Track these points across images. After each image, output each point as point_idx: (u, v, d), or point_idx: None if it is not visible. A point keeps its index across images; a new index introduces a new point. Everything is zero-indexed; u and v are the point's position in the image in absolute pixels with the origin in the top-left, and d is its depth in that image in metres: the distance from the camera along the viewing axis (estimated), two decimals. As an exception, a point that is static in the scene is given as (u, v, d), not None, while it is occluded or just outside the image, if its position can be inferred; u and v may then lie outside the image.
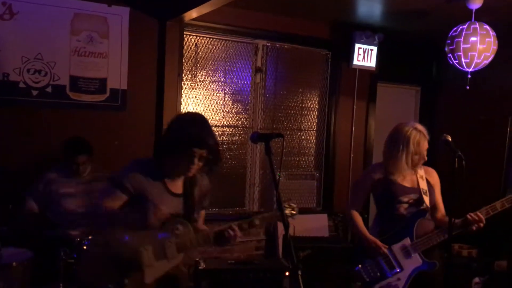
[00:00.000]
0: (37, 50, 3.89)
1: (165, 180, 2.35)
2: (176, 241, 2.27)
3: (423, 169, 2.96)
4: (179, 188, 2.39)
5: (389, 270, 2.79)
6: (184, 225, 2.30)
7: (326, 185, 5.28)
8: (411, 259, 2.79)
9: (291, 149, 5.16)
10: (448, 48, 3.94)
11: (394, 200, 2.85)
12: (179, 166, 2.30)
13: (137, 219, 2.28)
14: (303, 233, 4.57)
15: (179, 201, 2.36)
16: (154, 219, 2.26)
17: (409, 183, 2.87)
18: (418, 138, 2.81)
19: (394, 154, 2.84)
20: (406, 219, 2.82)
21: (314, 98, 5.28)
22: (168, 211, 2.29)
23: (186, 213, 2.35)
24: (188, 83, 4.57)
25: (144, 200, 2.27)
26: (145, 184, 2.29)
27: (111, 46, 4.16)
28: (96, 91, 4.14)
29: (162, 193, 2.32)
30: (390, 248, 2.81)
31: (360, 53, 5.13)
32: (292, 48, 5.05)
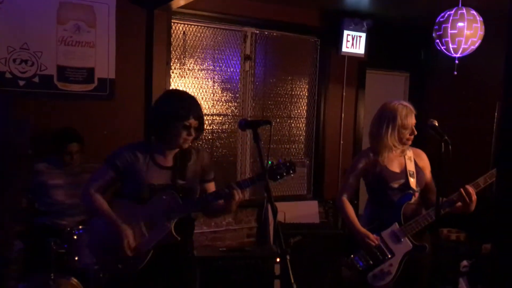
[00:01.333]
0: (23, 40, 3.84)
1: (154, 155, 2.48)
2: (164, 211, 2.39)
3: (412, 150, 2.96)
4: (169, 162, 2.50)
5: (381, 257, 2.81)
6: (171, 194, 2.41)
7: (316, 172, 5.31)
8: (401, 243, 2.81)
9: (281, 137, 5.18)
10: (436, 34, 3.95)
11: (385, 187, 2.86)
12: (176, 138, 2.41)
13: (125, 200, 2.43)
14: (294, 220, 4.60)
15: (168, 173, 2.46)
16: (142, 191, 2.40)
17: (397, 168, 2.88)
18: (405, 111, 2.82)
19: (381, 131, 2.83)
20: (394, 204, 2.83)
21: (304, 85, 5.29)
22: (155, 182, 2.41)
23: (174, 184, 2.44)
24: (176, 72, 4.55)
25: (132, 174, 2.42)
26: (133, 160, 2.44)
27: (98, 35, 4.12)
28: (84, 81, 4.10)
29: (149, 166, 2.44)
30: (380, 234, 2.83)
31: (349, 40, 5.13)
32: (281, 36, 5.04)
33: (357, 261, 2.83)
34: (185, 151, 2.52)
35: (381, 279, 2.78)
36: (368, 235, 2.80)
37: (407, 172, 2.86)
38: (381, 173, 2.85)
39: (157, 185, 2.43)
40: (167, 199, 2.40)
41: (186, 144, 2.45)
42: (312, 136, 5.32)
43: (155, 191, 2.42)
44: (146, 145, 2.53)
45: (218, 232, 4.75)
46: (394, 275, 2.79)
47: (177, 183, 2.45)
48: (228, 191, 2.38)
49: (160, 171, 2.46)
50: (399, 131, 2.82)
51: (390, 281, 2.79)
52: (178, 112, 2.38)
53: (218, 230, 4.74)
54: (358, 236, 2.84)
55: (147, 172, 2.43)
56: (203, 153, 2.62)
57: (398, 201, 2.83)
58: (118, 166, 2.44)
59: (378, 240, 2.81)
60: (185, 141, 2.43)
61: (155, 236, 2.40)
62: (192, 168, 2.52)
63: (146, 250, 2.39)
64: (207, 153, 2.68)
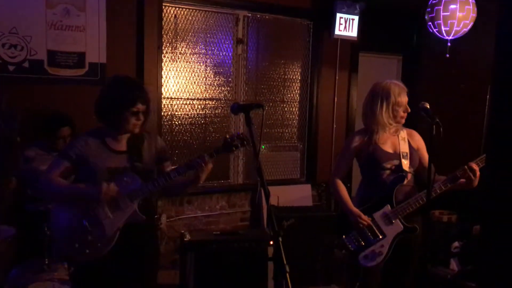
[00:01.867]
0: (12, 24, 3.79)
1: (106, 140, 2.52)
2: (126, 192, 2.45)
3: (406, 131, 2.98)
4: (123, 146, 2.56)
5: (372, 238, 2.84)
6: (130, 176, 2.47)
7: (309, 156, 5.32)
8: (392, 225, 2.83)
9: (274, 121, 5.17)
10: (428, 16, 3.95)
11: (377, 167, 2.87)
12: (125, 124, 2.47)
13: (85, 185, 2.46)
14: (287, 204, 4.62)
15: (123, 157, 2.52)
16: (99, 176, 2.43)
17: (391, 148, 2.89)
18: (397, 89, 2.84)
19: (374, 109, 2.85)
20: (386, 186, 2.85)
21: (297, 69, 5.27)
22: (110, 166, 2.47)
23: (132, 167, 2.50)
24: (168, 56, 4.52)
25: (86, 161, 2.46)
26: (87, 148, 2.48)
27: (88, 19, 4.07)
28: (74, 66, 4.07)
29: (103, 152, 2.49)
30: (372, 216, 2.86)
31: (341, 22, 5.10)
32: (273, 19, 5.00)
33: (349, 242, 2.86)
34: (137, 135, 2.57)
35: (372, 259, 2.82)
36: (360, 215, 2.84)
37: (401, 154, 2.87)
38: (374, 153, 2.87)
39: (115, 168, 2.47)
40: (128, 180, 2.46)
41: (136, 129, 2.51)
42: (305, 120, 5.32)
43: (113, 174, 2.46)
44: (97, 131, 2.56)
45: (212, 216, 4.77)
46: (385, 256, 2.82)
47: (135, 166, 2.51)
48: (190, 165, 2.48)
49: (115, 156, 2.51)
50: (393, 109, 2.84)
51: (381, 262, 2.83)
52: (124, 99, 2.44)
53: (211, 214, 4.76)
54: (350, 216, 2.87)
55: (101, 157, 2.48)
56: (155, 136, 2.71)
57: (391, 183, 2.84)
58: (71, 156, 2.47)
59: (369, 220, 2.84)
60: (134, 126, 2.49)
61: (120, 217, 2.46)
62: (147, 151, 2.59)
63: (113, 231, 2.44)
64: (158, 135, 2.75)
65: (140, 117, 2.48)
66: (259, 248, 3.69)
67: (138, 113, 2.46)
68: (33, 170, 3.52)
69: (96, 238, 2.43)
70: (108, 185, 2.39)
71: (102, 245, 2.44)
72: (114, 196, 2.42)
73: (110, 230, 2.44)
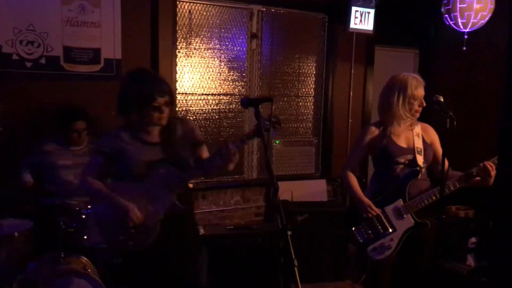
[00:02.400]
0: (29, 21, 3.84)
1: (139, 134, 2.54)
2: (164, 183, 2.47)
3: (420, 126, 2.95)
4: (155, 138, 2.55)
5: (382, 231, 2.83)
6: (166, 167, 2.48)
7: (324, 150, 5.30)
8: (403, 220, 2.81)
9: (288, 116, 5.16)
10: (444, 8, 3.89)
11: (390, 161, 2.85)
12: (149, 119, 2.47)
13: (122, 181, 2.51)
14: (301, 199, 4.61)
15: (157, 149, 2.52)
16: (136, 169, 2.46)
17: (405, 143, 2.87)
18: (415, 82, 2.82)
19: (391, 101, 2.82)
20: (399, 180, 2.83)
21: (311, 63, 5.24)
22: (148, 159, 2.48)
23: (167, 158, 2.51)
24: (182, 51, 4.53)
25: (122, 155, 2.49)
26: (120, 142, 2.51)
27: (103, 15, 4.10)
28: (90, 62, 4.11)
29: (137, 145, 2.51)
30: (383, 209, 2.84)
31: (357, 16, 5.05)
32: (288, 13, 4.97)
33: (358, 234, 2.86)
34: (169, 124, 2.56)
35: (380, 253, 2.81)
36: (370, 205, 2.83)
37: (415, 149, 2.84)
38: (387, 147, 2.84)
39: (150, 161, 2.48)
40: (165, 173, 2.47)
41: (162, 121, 2.51)
42: (320, 114, 5.29)
43: (150, 167, 2.47)
44: (128, 125, 2.57)
45: (226, 211, 4.78)
46: (393, 250, 2.81)
47: (170, 156, 2.51)
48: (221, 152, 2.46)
49: (150, 148, 2.52)
50: (409, 102, 2.81)
51: (389, 255, 2.81)
52: (143, 96, 2.42)
53: (226, 209, 4.77)
54: (360, 205, 2.86)
55: (136, 151, 2.49)
56: (186, 120, 2.73)
57: (404, 177, 2.82)
58: (105, 152, 2.51)
59: (379, 211, 2.82)
60: (159, 119, 2.49)
61: (160, 209, 2.48)
62: (181, 138, 2.59)
63: (154, 223, 2.47)
64: (189, 120, 2.74)
65: (163, 110, 2.47)
66: (272, 243, 3.70)
67: (159, 107, 2.45)
68: (50, 164, 3.59)
69: (139, 230, 2.47)
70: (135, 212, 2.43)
71: (145, 237, 2.48)
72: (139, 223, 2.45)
73: (151, 222, 2.47)
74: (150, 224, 2.48)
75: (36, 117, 3.89)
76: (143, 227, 2.48)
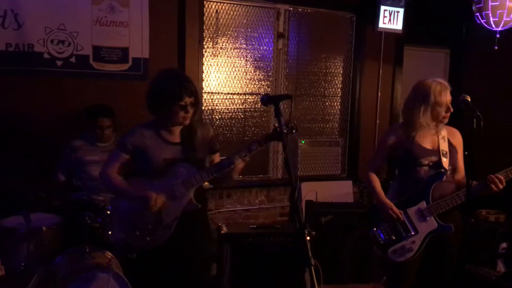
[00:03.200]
0: (60, 21, 3.94)
1: (161, 132, 2.62)
2: (182, 181, 2.54)
3: (446, 129, 2.89)
4: (176, 138, 2.64)
5: (404, 233, 2.78)
6: (185, 166, 2.57)
7: (350, 151, 5.24)
8: (426, 222, 2.76)
9: (315, 115, 5.12)
10: (476, 6, 3.79)
11: (414, 162, 2.80)
12: (174, 117, 2.55)
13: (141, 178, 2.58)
14: (327, 200, 4.57)
15: (177, 148, 2.61)
16: (156, 167, 2.55)
17: (429, 145, 2.81)
18: (439, 88, 2.74)
19: (415, 108, 2.77)
20: (423, 182, 2.77)
21: (339, 63, 5.19)
22: (168, 157, 2.56)
23: (186, 158, 2.59)
24: (209, 51, 4.56)
25: (143, 153, 2.58)
26: (142, 139, 2.59)
27: (131, 14, 4.17)
28: (118, 60, 4.18)
29: (159, 144, 2.59)
30: (406, 211, 2.79)
31: (386, 15, 4.98)
32: (315, 12, 4.95)
33: (379, 234, 2.81)
34: (190, 126, 2.64)
35: (401, 255, 2.76)
36: (391, 206, 2.79)
37: (440, 151, 2.79)
38: (411, 148, 2.80)
39: (170, 159, 2.57)
40: (183, 170, 2.55)
41: (186, 121, 2.58)
42: (346, 115, 5.23)
43: (169, 165, 2.56)
44: (152, 124, 2.65)
45: (251, 210, 4.79)
46: (415, 253, 2.76)
47: (189, 156, 2.58)
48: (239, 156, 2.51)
49: (170, 147, 2.60)
50: (433, 109, 2.75)
51: (410, 258, 2.76)
52: (171, 94, 2.49)
53: (250, 208, 4.78)
54: (381, 207, 2.83)
55: (157, 149, 2.57)
56: (207, 125, 2.79)
57: (428, 179, 2.77)
58: (127, 148, 2.60)
59: (401, 214, 2.77)
60: (184, 119, 2.56)
61: (177, 206, 2.55)
62: (200, 141, 2.66)
63: (171, 220, 2.54)
64: (210, 125, 2.84)
65: (189, 110, 2.54)
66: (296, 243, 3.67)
67: (186, 106, 2.52)
68: (78, 159, 3.67)
69: (156, 226, 2.54)
70: (156, 197, 2.47)
71: (161, 233, 2.55)
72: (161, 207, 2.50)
73: (168, 219, 2.54)
74: (167, 220, 2.54)
75: (66, 114, 3.99)
76: (160, 223, 2.53)
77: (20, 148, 3.85)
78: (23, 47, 3.84)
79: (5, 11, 3.75)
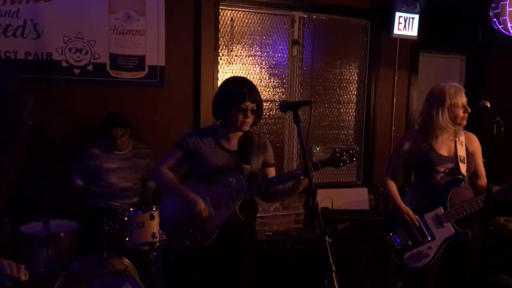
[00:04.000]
0: (78, 30, 3.99)
1: (219, 139, 2.64)
2: (230, 192, 2.53)
3: (464, 135, 2.87)
4: (234, 146, 2.64)
5: (420, 238, 2.76)
6: (236, 177, 2.54)
7: (366, 158, 5.21)
8: (443, 228, 2.74)
9: (329, 122, 5.11)
10: (493, 12, 3.76)
11: (430, 169, 2.79)
12: (234, 122, 2.55)
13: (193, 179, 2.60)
14: (342, 207, 4.55)
15: (233, 157, 2.61)
16: (208, 172, 2.56)
17: (446, 152, 2.80)
18: (453, 90, 2.75)
19: (432, 114, 2.77)
20: (440, 188, 2.75)
21: (353, 70, 5.18)
22: (221, 164, 2.57)
23: (239, 168, 2.57)
24: (224, 58, 4.59)
25: (199, 155, 2.60)
26: (200, 143, 2.61)
27: (148, 23, 4.22)
28: (135, 68, 4.22)
29: (215, 149, 2.61)
30: (423, 216, 2.78)
31: (401, 21, 4.96)
32: (329, 19, 4.95)
33: (395, 239, 2.79)
34: (248, 136, 2.64)
35: (417, 260, 2.74)
36: (408, 212, 2.78)
37: (458, 157, 2.78)
38: (427, 155, 2.79)
39: (223, 167, 2.56)
40: (233, 181, 2.53)
41: (245, 127, 2.56)
42: (362, 121, 5.21)
43: (221, 172, 2.55)
44: (213, 129, 2.68)
45: (266, 217, 4.77)
46: (431, 258, 2.74)
47: (242, 166, 2.57)
48: (294, 175, 2.46)
49: (226, 154, 2.60)
50: (451, 111, 2.75)
51: (426, 264, 2.74)
52: (233, 96, 2.51)
53: (265, 216, 4.76)
54: (398, 211, 2.81)
55: (213, 154, 2.58)
56: (264, 139, 2.76)
57: (446, 185, 2.75)
58: (185, 148, 2.61)
59: (418, 219, 2.76)
60: (242, 123, 2.54)
61: (221, 215, 2.53)
62: (255, 153, 2.65)
63: (213, 228, 2.51)
64: (265, 139, 2.79)
65: (248, 115, 2.53)
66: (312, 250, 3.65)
67: (246, 110, 2.52)
68: (95, 167, 3.70)
69: (197, 231, 2.53)
70: (204, 206, 2.48)
71: (201, 239, 2.53)
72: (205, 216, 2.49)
73: (210, 226, 2.53)
74: (208, 227, 2.52)
75: (83, 121, 4.03)
76: (201, 229, 2.52)
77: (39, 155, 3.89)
78: (42, 55, 3.90)
79: (25, 20, 3.82)
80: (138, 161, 3.80)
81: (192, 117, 4.36)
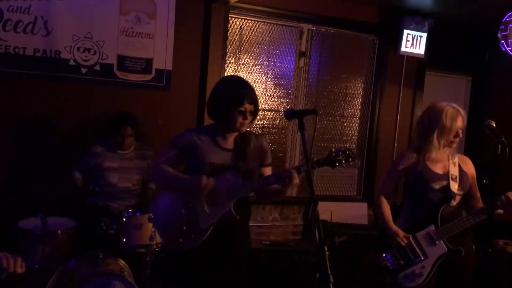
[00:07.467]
0: (87, 29, 4.02)
1: (216, 137, 2.63)
2: (225, 189, 2.51)
3: (458, 157, 2.88)
4: (230, 144, 2.64)
5: (413, 258, 2.75)
6: (233, 174, 2.53)
7: (367, 173, 5.20)
8: (435, 246, 2.72)
9: (333, 135, 5.11)
10: (501, 34, 3.78)
11: (425, 187, 2.79)
12: (232, 122, 2.55)
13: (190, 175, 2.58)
14: (341, 220, 4.53)
15: (229, 155, 2.60)
16: (204, 169, 2.53)
17: (441, 170, 2.80)
18: (452, 112, 2.73)
19: (427, 131, 2.77)
20: (432, 206, 2.75)
21: (359, 84, 5.20)
22: (216, 162, 2.55)
23: (235, 165, 2.57)
24: (231, 66, 4.60)
25: (194, 153, 2.59)
26: (196, 141, 2.61)
27: (157, 27, 4.24)
28: (142, 71, 4.24)
29: (211, 148, 2.60)
30: (415, 235, 2.77)
31: (408, 39, 4.99)
32: (338, 33, 4.97)
33: (389, 260, 2.78)
34: (245, 135, 2.65)
35: (411, 280, 2.73)
36: (398, 233, 2.76)
37: (450, 176, 2.77)
38: (422, 173, 2.79)
39: (219, 165, 2.56)
40: (228, 178, 2.52)
41: (243, 127, 2.59)
42: (365, 136, 5.22)
43: (217, 170, 2.54)
44: (210, 128, 2.68)
45: (264, 227, 4.75)
46: (425, 278, 2.72)
47: (238, 164, 2.57)
48: (287, 174, 2.44)
49: (222, 152, 2.60)
50: (446, 134, 2.75)
51: (421, 283, 2.72)
52: (232, 98, 2.51)
53: (263, 225, 4.75)
54: (389, 233, 2.80)
55: (209, 152, 2.58)
56: (261, 138, 2.76)
57: (436, 202, 2.75)
58: (179, 145, 2.61)
59: (408, 239, 2.75)
60: (241, 125, 2.56)
61: (216, 213, 2.51)
62: (252, 151, 2.65)
63: (206, 225, 2.50)
64: (265, 138, 2.81)
65: (247, 116, 2.55)
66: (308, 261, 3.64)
67: (245, 112, 2.53)
68: (97, 165, 3.69)
69: (190, 229, 2.52)
70: (207, 178, 2.48)
71: (195, 236, 2.52)
72: (212, 189, 2.48)
73: (204, 224, 2.51)
74: (202, 225, 2.51)
75: (88, 120, 4.04)
76: (195, 227, 2.51)
77: (42, 151, 3.90)
78: (50, 53, 3.92)
79: (36, 17, 3.84)
80: (140, 162, 3.80)
81: (196, 123, 4.37)
